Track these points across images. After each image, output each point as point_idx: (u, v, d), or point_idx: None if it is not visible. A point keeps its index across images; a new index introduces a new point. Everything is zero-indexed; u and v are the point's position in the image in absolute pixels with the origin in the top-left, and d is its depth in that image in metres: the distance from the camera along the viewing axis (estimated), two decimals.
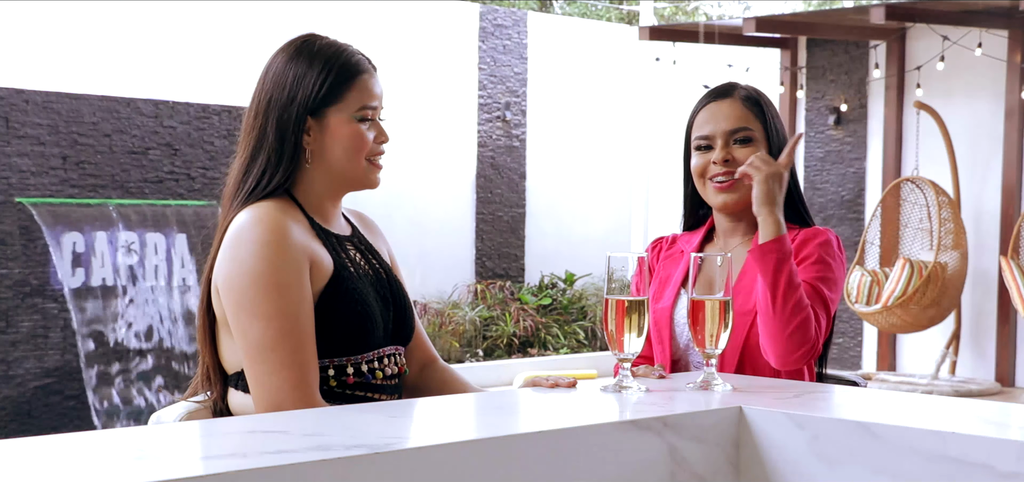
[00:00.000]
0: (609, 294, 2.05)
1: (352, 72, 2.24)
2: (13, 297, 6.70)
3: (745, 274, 2.54)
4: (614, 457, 1.75)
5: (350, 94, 2.23)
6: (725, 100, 2.60)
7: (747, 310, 2.50)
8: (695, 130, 2.62)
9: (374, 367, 2.24)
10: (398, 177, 8.85)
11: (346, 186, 2.28)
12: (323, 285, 2.18)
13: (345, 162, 2.24)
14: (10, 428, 6.65)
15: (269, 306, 2.08)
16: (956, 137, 8.10)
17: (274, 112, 2.23)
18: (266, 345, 2.08)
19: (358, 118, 2.24)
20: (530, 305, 9.30)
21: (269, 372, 2.08)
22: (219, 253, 2.17)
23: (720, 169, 2.56)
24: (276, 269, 2.09)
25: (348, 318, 2.19)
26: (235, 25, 8.07)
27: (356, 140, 2.23)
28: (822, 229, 2.58)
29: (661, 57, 9.14)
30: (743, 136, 2.57)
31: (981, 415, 1.86)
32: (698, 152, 2.60)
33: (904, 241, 8.12)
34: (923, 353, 8.35)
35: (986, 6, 7.62)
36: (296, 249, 2.14)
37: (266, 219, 2.13)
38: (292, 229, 2.16)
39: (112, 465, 1.46)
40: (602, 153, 10.38)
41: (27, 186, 6.77)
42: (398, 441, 1.60)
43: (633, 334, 2.04)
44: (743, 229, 2.62)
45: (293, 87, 2.23)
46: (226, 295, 2.13)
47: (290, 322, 2.09)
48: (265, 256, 2.09)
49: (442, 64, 9.43)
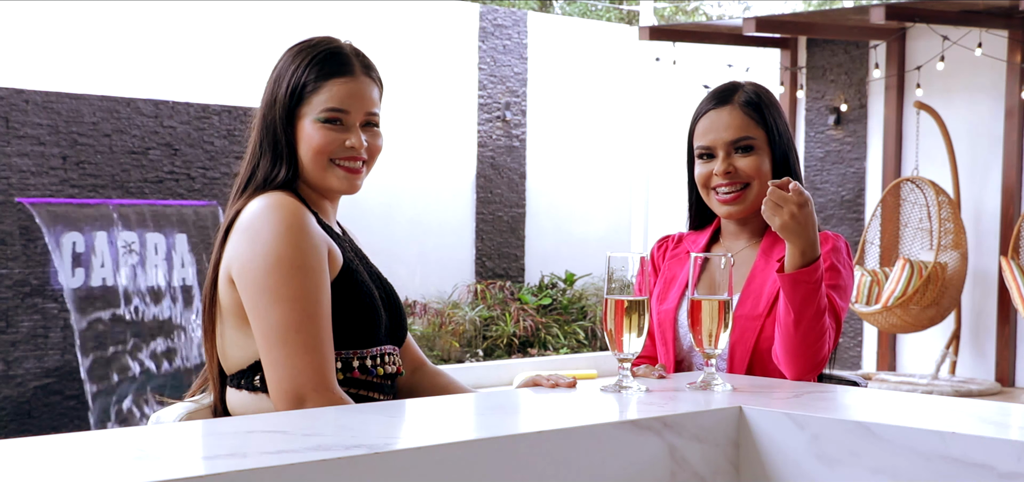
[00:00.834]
0: (609, 294, 2.05)
1: (326, 74, 2.23)
2: (13, 297, 6.70)
3: (754, 278, 2.53)
4: (614, 457, 1.75)
5: (317, 96, 2.22)
6: (725, 107, 2.57)
7: (757, 314, 2.48)
8: (696, 139, 2.59)
9: (376, 363, 2.24)
10: (398, 177, 8.85)
11: (319, 189, 2.27)
12: (335, 275, 2.18)
13: (309, 162, 2.23)
14: (10, 428, 6.65)
15: (293, 289, 2.06)
16: (956, 137, 8.10)
17: (269, 109, 2.25)
18: (290, 328, 2.06)
19: (322, 119, 2.22)
20: (530, 305, 9.30)
21: (291, 355, 2.06)
22: (232, 240, 2.15)
23: (722, 181, 2.53)
24: (301, 252, 2.08)
25: (357, 310, 2.19)
26: (235, 25, 8.07)
27: (314, 141, 2.22)
28: (831, 234, 2.55)
29: (661, 57, 9.14)
30: (744, 145, 2.54)
31: (981, 415, 1.86)
32: (700, 161, 2.58)
33: (904, 241, 8.12)
34: (923, 353, 8.35)
35: (986, 6, 7.62)
36: (317, 235, 2.14)
37: (285, 205, 2.13)
38: (309, 216, 2.16)
39: (112, 465, 1.46)
40: (602, 153, 10.38)
41: (27, 186, 6.77)
42: (398, 441, 1.60)
43: (633, 334, 2.04)
44: (749, 232, 2.61)
45: (279, 85, 2.25)
46: (244, 279, 2.11)
47: (313, 306, 2.07)
48: (288, 239, 2.08)
49: (442, 64, 9.43)
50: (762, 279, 2.51)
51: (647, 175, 10.25)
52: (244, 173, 2.27)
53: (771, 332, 2.48)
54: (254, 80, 2.29)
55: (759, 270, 2.53)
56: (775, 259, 2.52)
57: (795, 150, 2.64)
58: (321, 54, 2.24)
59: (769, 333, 2.48)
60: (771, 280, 2.50)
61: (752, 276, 2.53)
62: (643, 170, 10.32)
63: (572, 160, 10.23)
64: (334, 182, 2.25)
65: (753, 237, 2.61)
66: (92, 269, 6.85)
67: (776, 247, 2.55)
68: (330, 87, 2.23)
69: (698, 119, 2.61)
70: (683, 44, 9.07)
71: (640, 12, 11.08)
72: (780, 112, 2.62)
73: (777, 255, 2.52)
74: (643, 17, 10.59)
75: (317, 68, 2.23)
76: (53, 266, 6.76)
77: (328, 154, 2.22)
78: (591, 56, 10.34)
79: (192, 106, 7.43)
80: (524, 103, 9.90)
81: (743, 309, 2.49)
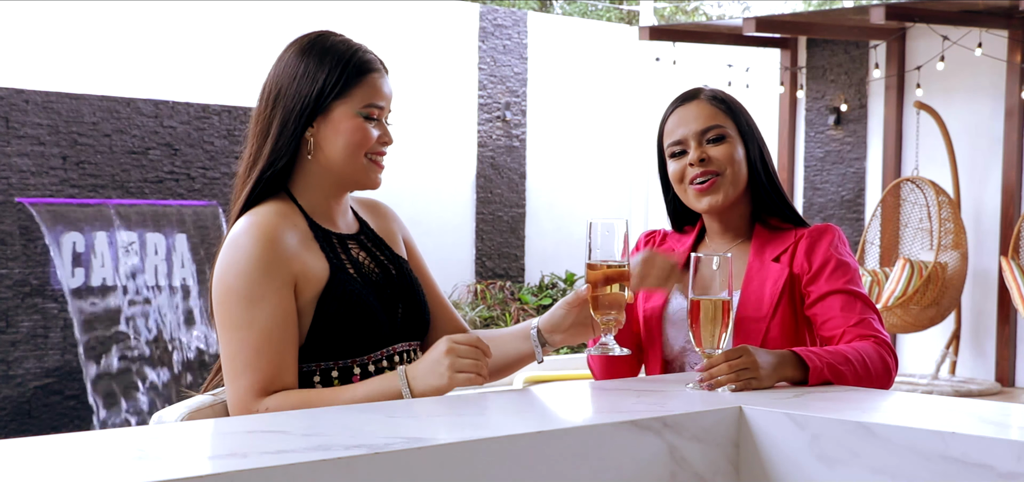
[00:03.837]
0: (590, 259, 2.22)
1: (363, 69, 2.25)
2: (13, 297, 6.70)
3: (751, 279, 2.51)
4: (614, 457, 1.75)
5: (358, 90, 2.24)
6: (691, 102, 2.56)
7: (761, 315, 2.46)
8: (666, 138, 2.57)
9: (382, 366, 2.24)
10: (398, 177, 8.85)
11: (346, 184, 2.28)
12: (320, 290, 2.19)
13: (345, 157, 2.24)
14: (10, 428, 6.65)
15: (237, 316, 2.14)
16: (956, 137, 8.10)
17: (281, 104, 2.24)
18: (230, 353, 2.16)
19: (363, 115, 2.24)
20: (530, 305, 9.30)
21: (232, 378, 2.16)
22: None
23: (697, 170, 2.51)
24: (250, 283, 2.14)
25: (348, 321, 2.20)
26: (235, 25, 8.07)
27: (357, 134, 2.24)
28: (823, 226, 2.53)
29: (661, 57, 9.14)
30: (716, 134, 2.53)
31: (981, 415, 1.86)
32: (673, 159, 2.56)
33: (904, 241, 8.12)
34: (923, 353, 8.35)
35: (986, 6, 7.62)
36: (279, 263, 2.16)
37: (257, 232, 2.16)
38: (284, 238, 2.18)
39: (112, 465, 1.47)
40: (602, 153, 10.39)
41: (27, 186, 6.77)
42: (398, 441, 1.60)
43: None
44: (734, 232, 2.58)
45: (301, 81, 2.24)
46: (213, 300, 2.20)
47: (254, 333, 2.13)
48: (242, 270, 2.15)
49: (442, 64, 9.43)
50: (760, 280, 2.49)
51: (647, 175, 10.25)
52: (242, 172, 2.27)
53: (777, 333, 2.46)
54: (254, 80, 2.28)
55: (755, 271, 2.51)
56: (769, 258, 2.51)
57: (765, 144, 2.61)
58: (348, 52, 2.26)
59: (775, 334, 2.46)
60: (771, 280, 2.49)
61: (749, 278, 2.51)
62: (643, 170, 10.32)
63: (572, 160, 10.23)
64: (370, 176, 2.28)
65: (738, 237, 2.58)
66: (92, 269, 6.85)
67: (768, 246, 2.53)
68: (368, 82, 2.25)
69: (666, 119, 2.59)
70: (683, 44, 9.07)
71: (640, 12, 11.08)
72: (748, 114, 2.61)
73: (770, 254, 2.51)
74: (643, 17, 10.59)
75: (353, 64, 2.24)
76: (53, 266, 6.76)
77: (366, 148, 2.25)
78: (591, 56, 10.34)
79: (192, 106, 7.43)
80: (524, 103, 9.90)
81: (745, 311, 2.48)
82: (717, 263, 2.16)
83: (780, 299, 2.46)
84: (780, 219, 2.58)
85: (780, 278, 2.47)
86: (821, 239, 2.50)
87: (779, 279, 2.47)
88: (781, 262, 2.50)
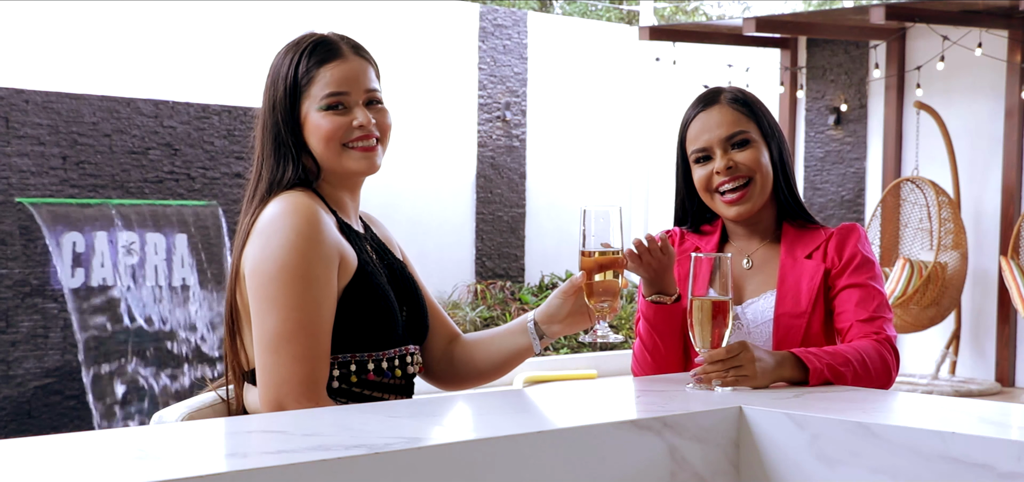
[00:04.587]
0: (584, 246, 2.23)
1: (318, 62, 2.24)
2: (13, 297, 6.70)
3: (785, 276, 2.52)
4: (614, 457, 1.75)
5: (314, 86, 2.23)
6: (714, 107, 2.55)
7: (800, 311, 2.48)
8: (690, 144, 2.57)
9: (394, 365, 2.23)
10: (398, 177, 8.85)
11: (341, 176, 2.27)
12: (349, 279, 2.17)
13: (322, 152, 2.24)
14: (10, 428, 6.65)
15: (292, 297, 2.07)
16: (956, 137, 8.10)
17: (270, 113, 2.26)
18: (282, 335, 2.07)
19: (324, 107, 2.23)
20: (530, 305, 9.30)
21: (279, 364, 2.07)
22: (250, 243, 2.16)
23: (724, 178, 2.51)
24: (306, 261, 2.08)
25: (372, 313, 2.19)
26: (235, 25, 8.07)
27: (323, 128, 2.22)
28: (851, 225, 2.56)
29: (661, 57, 9.14)
30: (740, 139, 2.53)
31: (981, 415, 1.86)
32: (698, 165, 2.56)
33: (904, 241, 8.12)
34: (923, 353, 8.35)
35: (986, 6, 7.62)
36: (328, 243, 2.13)
37: (301, 209, 2.13)
38: (325, 221, 2.15)
39: (112, 465, 1.47)
40: (602, 153, 10.39)
41: (27, 186, 6.77)
42: (398, 441, 1.60)
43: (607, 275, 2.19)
44: (761, 232, 2.59)
45: (276, 87, 2.25)
46: (252, 281, 2.12)
47: (309, 317, 2.07)
48: (297, 247, 2.09)
49: (442, 64, 9.43)
50: (795, 277, 2.51)
51: (647, 175, 10.25)
52: (253, 177, 2.27)
53: (818, 328, 2.48)
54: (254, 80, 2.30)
55: (789, 269, 2.52)
56: (802, 256, 2.52)
57: (786, 144, 2.62)
58: (308, 46, 2.25)
59: (816, 330, 2.48)
60: (808, 276, 2.50)
61: (783, 276, 2.52)
62: (643, 170, 10.32)
63: (572, 160, 10.23)
64: (352, 165, 2.25)
65: (766, 236, 2.60)
66: (92, 269, 6.85)
67: (798, 244, 2.55)
68: (324, 73, 2.23)
69: (688, 124, 2.58)
70: (683, 44, 9.07)
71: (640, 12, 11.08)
72: (768, 111, 2.61)
73: (802, 251, 2.53)
74: (643, 17, 10.58)
75: (308, 59, 2.24)
76: (53, 266, 6.76)
77: (338, 139, 2.23)
78: (591, 56, 10.34)
79: (192, 106, 7.42)
80: (524, 103, 9.90)
81: (784, 308, 2.49)
82: (717, 263, 2.16)
83: (818, 295, 2.49)
84: (803, 218, 2.60)
85: (816, 274, 2.50)
86: (850, 236, 2.54)
87: (815, 275, 2.50)
88: (814, 259, 2.52)
